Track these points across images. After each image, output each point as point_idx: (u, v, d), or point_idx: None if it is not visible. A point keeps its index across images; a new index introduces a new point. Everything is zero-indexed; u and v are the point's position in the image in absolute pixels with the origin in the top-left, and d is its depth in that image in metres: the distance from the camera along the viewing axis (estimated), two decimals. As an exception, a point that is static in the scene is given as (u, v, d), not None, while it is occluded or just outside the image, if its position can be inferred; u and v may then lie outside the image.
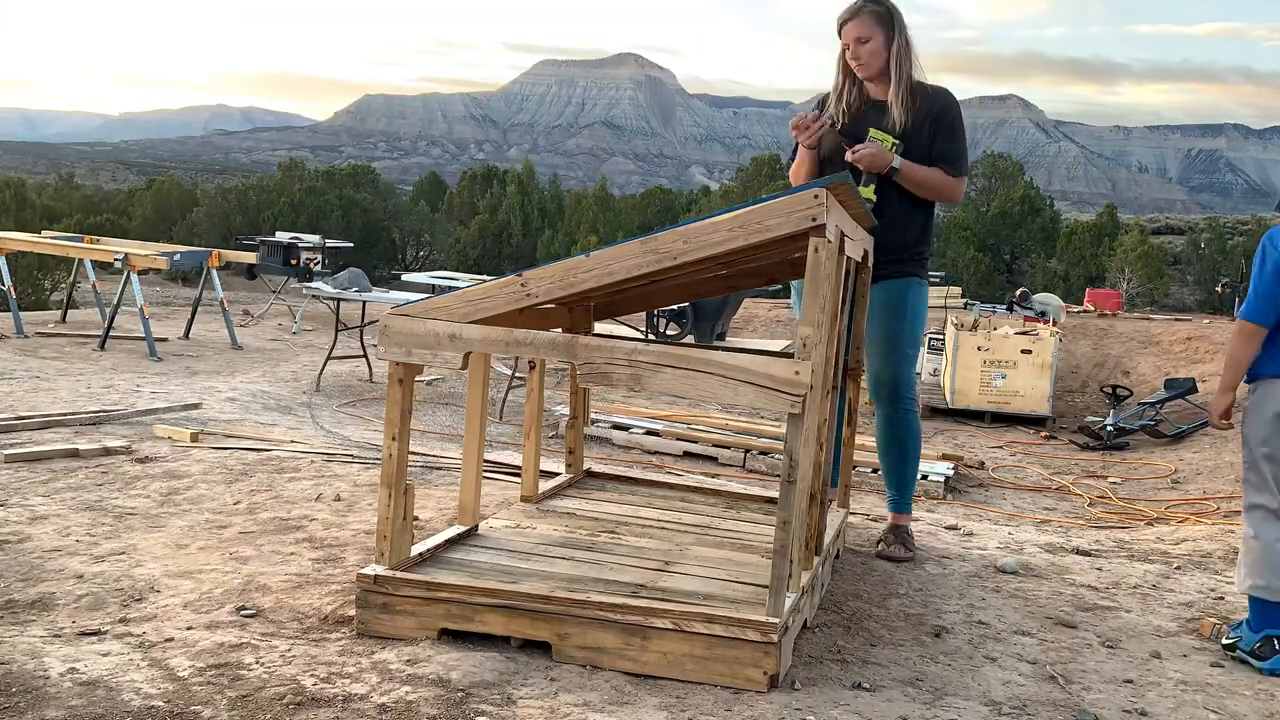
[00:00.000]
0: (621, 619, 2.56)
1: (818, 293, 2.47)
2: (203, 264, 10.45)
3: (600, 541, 3.33)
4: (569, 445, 4.24)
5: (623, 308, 4.30)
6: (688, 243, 2.53)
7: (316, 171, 40.70)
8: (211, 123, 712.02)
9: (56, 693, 2.29)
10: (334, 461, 4.98)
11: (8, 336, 9.10)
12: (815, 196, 2.45)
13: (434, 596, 2.69)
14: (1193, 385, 10.04)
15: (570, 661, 2.57)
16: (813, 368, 2.46)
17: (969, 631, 3.12)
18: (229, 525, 3.80)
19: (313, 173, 39.64)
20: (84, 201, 38.60)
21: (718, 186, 43.91)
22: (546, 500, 3.84)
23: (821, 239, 2.48)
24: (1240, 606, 3.54)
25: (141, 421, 5.74)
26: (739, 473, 6.78)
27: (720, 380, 2.50)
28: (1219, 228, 31.17)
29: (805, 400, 2.45)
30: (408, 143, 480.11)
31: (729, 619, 2.52)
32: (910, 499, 4.04)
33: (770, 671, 2.50)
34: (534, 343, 2.67)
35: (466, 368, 2.78)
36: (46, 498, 4.03)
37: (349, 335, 8.99)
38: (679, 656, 2.53)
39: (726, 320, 12.68)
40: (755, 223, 2.48)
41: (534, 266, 2.71)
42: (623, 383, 2.56)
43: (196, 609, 2.88)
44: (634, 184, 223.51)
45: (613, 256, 2.60)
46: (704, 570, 3.05)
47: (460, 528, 3.30)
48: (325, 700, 2.32)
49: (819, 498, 3.00)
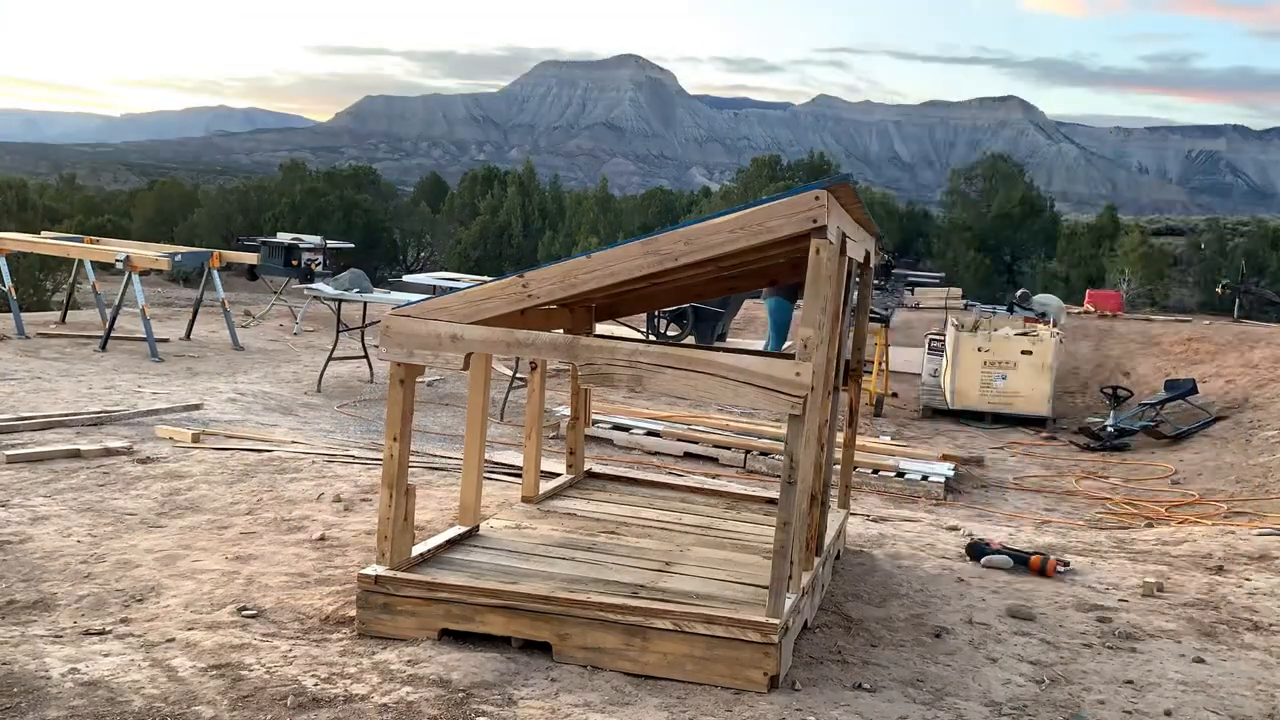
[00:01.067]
0: (622, 619, 2.57)
1: (819, 294, 2.48)
2: (204, 265, 10.45)
3: (600, 542, 3.33)
4: (570, 446, 4.24)
5: (624, 309, 4.31)
6: (689, 244, 2.54)
7: (318, 172, 40.67)
8: (213, 124, 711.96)
9: (58, 693, 2.29)
10: (335, 462, 4.98)
11: (9, 337, 9.10)
12: (816, 198, 2.46)
13: (434, 597, 2.70)
14: (1193, 386, 10.04)
15: (571, 662, 2.58)
16: (813, 369, 2.46)
17: (969, 632, 3.12)
18: (230, 526, 3.80)
19: (314, 174, 39.62)
20: (85, 202, 38.59)
21: (718, 188, 43.87)
22: (547, 501, 3.84)
23: (823, 240, 2.48)
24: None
25: (143, 422, 5.74)
26: (739, 473, 6.78)
27: (721, 381, 2.51)
28: (1219, 229, 31.12)
29: (806, 401, 2.45)
30: (409, 144, 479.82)
31: (729, 620, 2.53)
32: None
33: (770, 672, 2.51)
34: (536, 343, 2.68)
35: (468, 368, 2.78)
36: (48, 498, 4.03)
37: (350, 336, 8.99)
38: (679, 657, 2.54)
39: (727, 321, 12.69)
40: (757, 224, 2.49)
41: (535, 267, 2.71)
42: (624, 383, 2.57)
43: (198, 609, 2.88)
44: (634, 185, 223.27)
45: (615, 257, 2.60)
46: (704, 571, 3.05)
47: (461, 528, 3.30)
48: (326, 700, 2.32)
49: (819, 498, 3.00)
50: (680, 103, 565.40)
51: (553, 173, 64.73)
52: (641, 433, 7.45)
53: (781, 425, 2.70)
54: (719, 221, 2.52)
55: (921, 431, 9.04)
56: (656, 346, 2.60)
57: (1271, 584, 3.86)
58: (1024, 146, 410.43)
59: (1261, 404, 9.70)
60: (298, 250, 13.40)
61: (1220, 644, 3.18)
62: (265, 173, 65.76)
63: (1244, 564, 4.21)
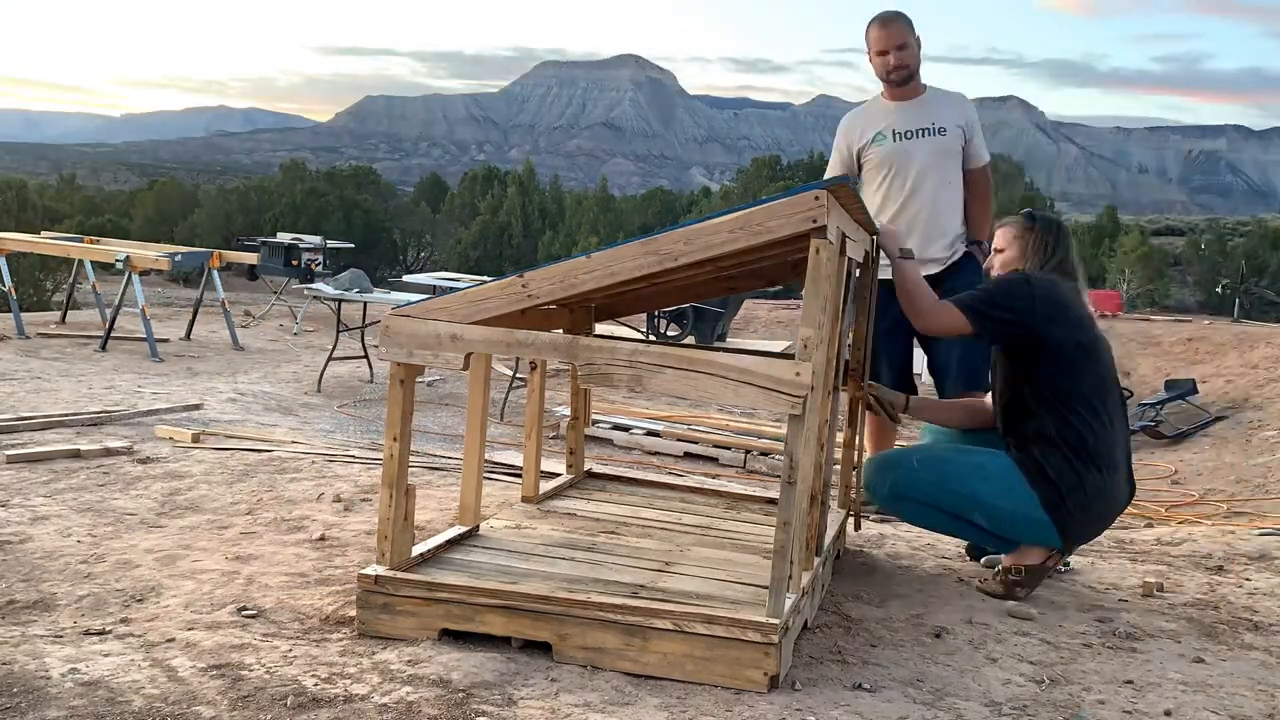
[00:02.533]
0: (621, 619, 2.56)
1: (818, 294, 2.47)
2: (204, 265, 10.46)
3: (600, 542, 3.33)
4: (570, 446, 4.24)
5: (623, 309, 4.30)
6: (689, 244, 2.53)
7: (318, 172, 40.74)
8: (213, 124, 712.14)
9: (58, 693, 2.29)
10: (335, 462, 4.99)
11: (9, 337, 9.10)
12: (816, 198, 2.44)
13: (434, 596, 2.70)
14: (1193, 386, 10.05)
15: (571, 662, 2.58)
16: (814, 369, 2.46)
17: (969, 632, 3.12)
18: (230, 526, 3.80)
19: (314, 174, 39.68)
20: (85, 202, 38.64)
21: (718, 187, 43.91)
22: (547, 501, 3.84)
23: (823, 240, 2.47)
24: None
25: (143, 422, 5.75)
26: (739, 473, 6.79)
27: (721, 381, 2.49)
28: (1219, 229, 31.15)
29: (806, 401, 2.45)
30: (409, 144, 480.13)
31: (730, 620, 2.52)
32: None
33: (770, 672, 2.50)
34: (535, 343, 2.67)
35: (468, 368, 2.78)
36: (48, 498, 4.04)
37: (350, 336, 9.00)
38: (679, 657, 2.53)
39: (727, 321, 12.69)
40: (757, 224, 2.48)
41: (535, 267, 2.71)
42: (624, 383, 2.56)
43: (198, 609, 2.88)
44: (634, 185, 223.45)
45: (614, 257, 2.60)
46: (704, 571, 3.05)
47: (461, 528, 3.30)
48: (326, 700, 2.32)
49: (820, 499, 2.99)
50: (680, 103, 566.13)
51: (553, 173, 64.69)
52: (641, 433, 7.46)
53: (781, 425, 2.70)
54: (719, 221, 2.52)
55: (921, 431, 9.04)
56: (656, 346, 2.58)
57: (1271, 584, 3.87)
58: (1024, 146, 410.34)
59: (1261, 404, 9.71)
60: (298, 250, 13.42)
61: (1220, 644, 3.18)
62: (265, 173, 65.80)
63: (1244, 564, 4.21)
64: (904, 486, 3.48)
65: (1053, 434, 3.31)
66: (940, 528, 3.62)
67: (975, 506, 3.38)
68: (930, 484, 3.44)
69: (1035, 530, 3.35)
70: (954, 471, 3.43)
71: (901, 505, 3.57)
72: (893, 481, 3.51)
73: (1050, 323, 3.34)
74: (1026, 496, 3.30)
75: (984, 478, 3.38)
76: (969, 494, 3.38)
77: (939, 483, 3.43)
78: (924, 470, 3.48)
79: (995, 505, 3.35)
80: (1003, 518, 3.36)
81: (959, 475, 3.41)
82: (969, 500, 3.39)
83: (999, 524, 3.39)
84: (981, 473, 3.38)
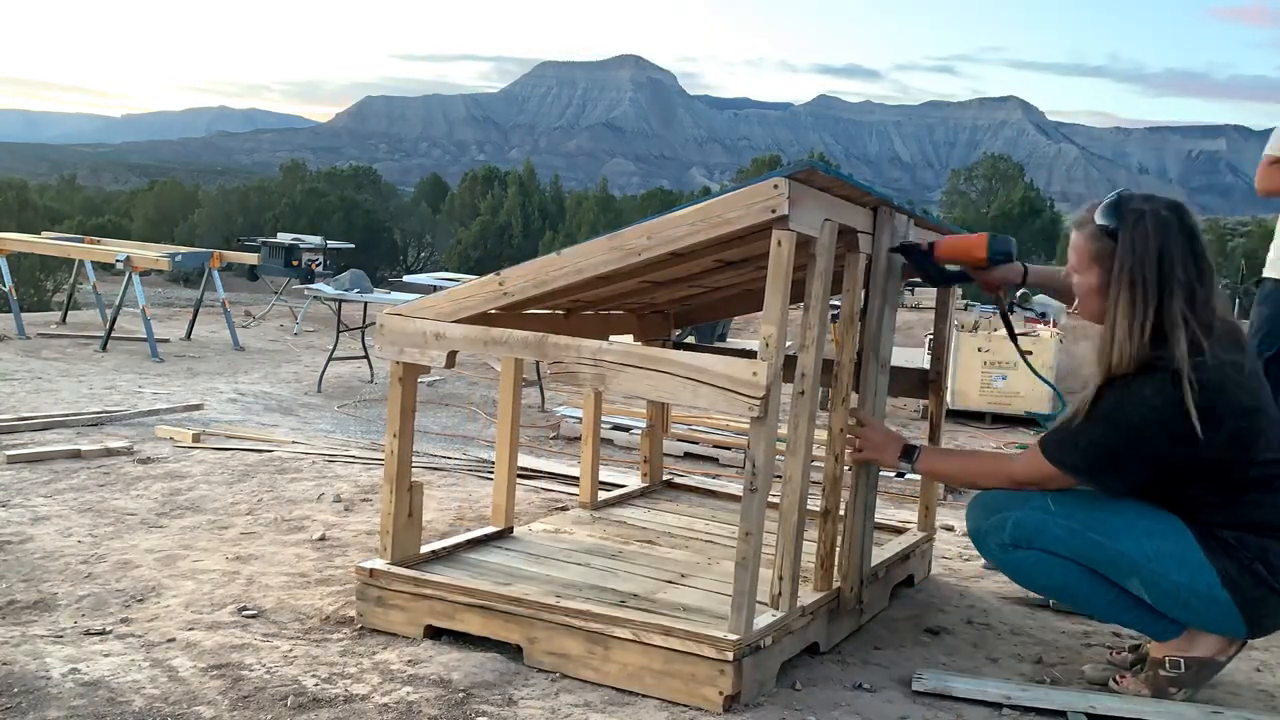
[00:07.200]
0: (584, 626, 2.50)
1: (779, 289, 2.33)
2: (204, 265, 10.47)
3: (629, 551, 3.29)
4: (644, 454, 4.19)
5: (700, 316, 4.23)
6: (651, 238, 2.46)
7: (318, 173, 40.74)
8: (213, 124, 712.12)
9: (58, 693, 2.29)
10: (335, 462, 4.99)
11: (9, 337, 9.10)
12: (775, 186, 2.30)
13: (420, 593, 2.70)
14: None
15: (538, 666, 2.54)
16: (772, 369, 2.33)
17: (969, 632, 3.12)
18: (231, 526, 3.80)
19: (314, 174, 39.70)
20: (86, 203, 38.65)
21: (718, 188, 43.90)
22: (606, 508, 3.80)
23: (785, 231, 2.32)
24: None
25: (143, 422, 5.75)
26: (739, 474, 6.78)
27: (680, 381, 2.41)
28: (1219, 229, 31.17)
29: (766, 403, 2.32)
30: (409, 144, 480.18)
31: (686, 633, 2.40)
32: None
33: (726, 692, 2.35)
34: (509, 341, 2.65)
35: (451, 366, 2.77)
36: (48, 498, 4.04)
37: (350, 336, 9.00)
38: (638, 669, 2.45)
39: (727, 322, 12.70)
40: (715, 215, 2.38)
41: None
42: (589, 382, 2.51)
43: (198, 609, 2.88)
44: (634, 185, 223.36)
45: (582, 253, 2.55)
46: (715, 585, 2.97)
47: (492, 527, 3.30)
48: (327, 700, 2.32)
49: (832, 513, 2.81)
50: (680, 103, 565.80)
51: (553, 173, 64.69)
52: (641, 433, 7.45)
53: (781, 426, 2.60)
54: (679, 214, 2.44)
55: (922, 432, 9.04)
56: (620, 345, 2.50)
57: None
58: (1024, 146, 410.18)
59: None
60: (298, 250, 13.41)
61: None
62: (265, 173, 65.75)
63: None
64: (1031, 532, 2.53)
65: (1220, 520, 2.45)
66: (1077, 593, 2.59)
67: (1133, 570, 2.46)
68: (1071, 533, 2.50)
69: (1213, 611, 2.46)
70: (1108, 521, 2.49)
71: (1022, 557, 2.56)
72: (1015, 523, 2.55)
73: (1227, 448, 2.38)
74: (1204, 568, 2.42)
75: (1151, 535, 2.46)
76: (1128, 552, 2.46)
77: (1084, 532, 2.50)
78: (1063, 514, 2.52)
79: (1163, 573, 2.44)
80: (1169, 590, 2.45)
81: (1116, 527, 2.48)
82: (1125, 561, 2.46)
83: (1162, 597, 2.47)
84: (1149, 529, 2.47)
